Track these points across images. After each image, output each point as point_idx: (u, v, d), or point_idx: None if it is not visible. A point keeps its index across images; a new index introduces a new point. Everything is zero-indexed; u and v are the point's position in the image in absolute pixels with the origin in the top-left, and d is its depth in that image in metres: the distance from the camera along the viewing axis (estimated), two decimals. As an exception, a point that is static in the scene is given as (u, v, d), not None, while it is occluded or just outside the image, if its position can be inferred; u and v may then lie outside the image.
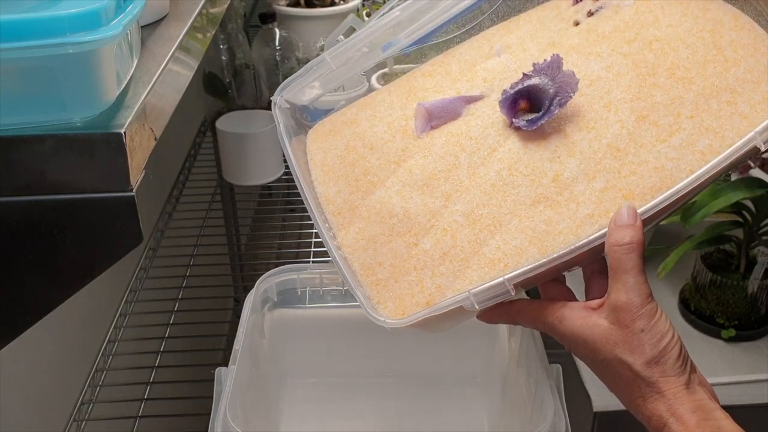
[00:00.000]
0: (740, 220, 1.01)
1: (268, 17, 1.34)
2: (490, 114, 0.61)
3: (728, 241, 1.05)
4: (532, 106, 0.58)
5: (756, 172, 0.95)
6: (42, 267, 0.44)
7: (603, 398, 0.98)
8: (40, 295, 0.45)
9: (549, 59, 0.57)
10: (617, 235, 0.53)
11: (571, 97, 0.56)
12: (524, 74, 0.58)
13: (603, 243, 0.53)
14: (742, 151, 0.53)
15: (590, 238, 0.54)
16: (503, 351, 0.85)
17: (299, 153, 0.65)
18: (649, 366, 0.52)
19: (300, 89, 0.66)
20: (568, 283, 0.59)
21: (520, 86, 0.58)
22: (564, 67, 0.57)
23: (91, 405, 0.95)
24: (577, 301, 0.57)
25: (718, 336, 1.06)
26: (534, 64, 0.58)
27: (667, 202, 0.53)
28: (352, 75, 0.67)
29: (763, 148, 0.52)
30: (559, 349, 0.59)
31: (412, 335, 0.60)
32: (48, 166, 0.41)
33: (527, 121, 0.57)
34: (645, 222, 0.54)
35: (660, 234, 1.19)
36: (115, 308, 1.08)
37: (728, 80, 0.56)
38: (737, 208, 1.00)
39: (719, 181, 0.97)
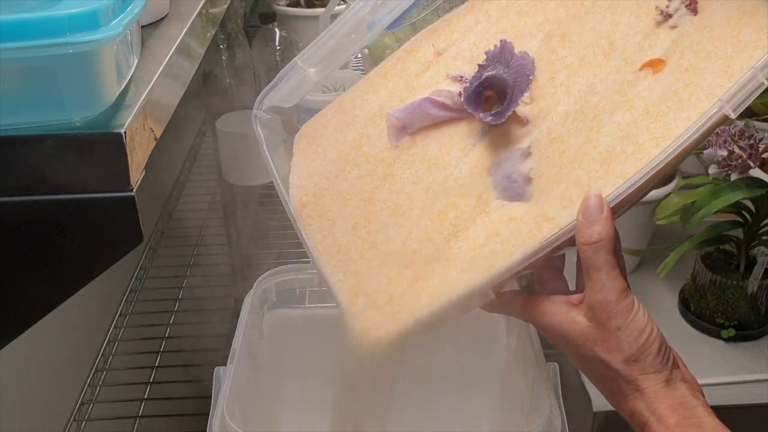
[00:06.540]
0: (740, 220, 1.01)
1: (268, 17, 1.34)
2: (461, 118, 0.60)
3: (728, 241, 1.05)
4: (498, 93, 0.56)
5: (756, 172, 0.95)
6: (42, 267, 0.44)
7: (603, 398, 0.98)
8: (40, 295, 0.45)
9: (499, 45, 0.56)
10: (585, 232, 0.51)
11: (530, 80, 0.55)
12: (479, 65, 0.56)
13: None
14: (711, 122, 0.51)
15: (553, 236, 0.52)
16: (501, 349, 0.85)
17: (288, 161, 0.64)
18: (628, 364, 0.51)
19: (296, 83, 0.64)
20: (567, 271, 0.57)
21: (478, 80, 0.56)
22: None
23: (91, 405, 0.94)
24: (568, 293, 0.55)
25: (718, 336, 1.06)
26: (486, 53, 0.56)
27: (636, 186, 0.51)
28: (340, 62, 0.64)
29: (733, 116, 0.50)
30: (556, 348, 0.58)
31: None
32: (48, 166, 0.41)
33: (492, 115, 0.55)
34: (616, 208, 0.52)
35: (660, 234, 1.18)
36: (115, 308, 1.08)
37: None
38: (737, 208, 0.99)
39: (719, 181, 0.97)
